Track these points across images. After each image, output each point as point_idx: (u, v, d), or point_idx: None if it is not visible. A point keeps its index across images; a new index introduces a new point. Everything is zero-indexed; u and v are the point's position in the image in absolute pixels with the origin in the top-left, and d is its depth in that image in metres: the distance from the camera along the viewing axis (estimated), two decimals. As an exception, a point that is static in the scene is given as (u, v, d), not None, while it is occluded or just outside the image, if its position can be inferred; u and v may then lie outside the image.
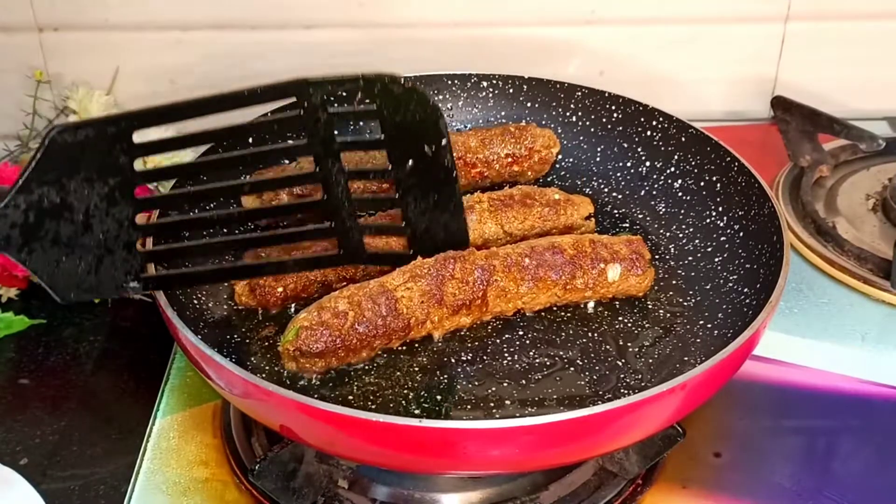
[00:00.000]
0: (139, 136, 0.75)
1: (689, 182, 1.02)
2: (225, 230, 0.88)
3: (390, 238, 0.87)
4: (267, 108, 0.83)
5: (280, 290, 0.88)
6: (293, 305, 0.90)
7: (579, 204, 0.97)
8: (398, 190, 0.81)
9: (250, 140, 0.81)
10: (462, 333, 0.88)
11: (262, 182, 0.88)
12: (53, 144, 0.72)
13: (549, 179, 1.07)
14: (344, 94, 0.75)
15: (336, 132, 0.77)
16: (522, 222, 0.95)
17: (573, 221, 0.96)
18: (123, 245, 0.77)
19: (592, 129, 1.09)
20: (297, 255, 0.86)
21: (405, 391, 0.82)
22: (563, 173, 1.09)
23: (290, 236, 0.84)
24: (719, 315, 0.89)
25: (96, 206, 0.75)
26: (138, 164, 0.76)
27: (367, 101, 0.76)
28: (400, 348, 0.86)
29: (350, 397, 0.82)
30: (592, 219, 0.98)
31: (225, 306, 0.91)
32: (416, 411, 0.80)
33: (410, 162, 0.79)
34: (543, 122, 1.10)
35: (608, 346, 0.87)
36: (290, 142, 0.79)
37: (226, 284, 0.92)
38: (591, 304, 0.92)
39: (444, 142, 0.78)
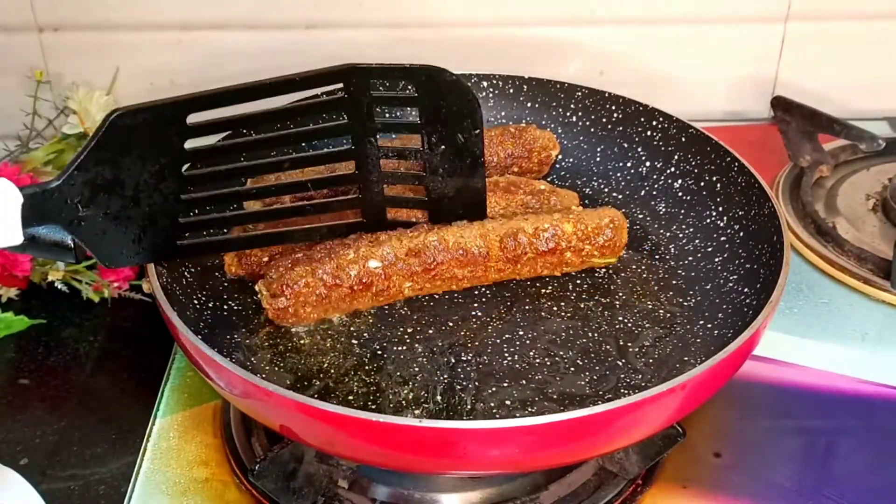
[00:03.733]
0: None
1: (690, 182, 1.02)
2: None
3: (411, 211, 0.92)
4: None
5: (266, 258, 0.90)
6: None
7: (564, 195, 0.98)
8: (426, 170, 0.86)
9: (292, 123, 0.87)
10: (462, 333, 0.88)
11: (302, 158, 0.90)
12: (113, 127, 0.75)
13: (549, 179, 1.07)
14: (387, 82, 0.83)
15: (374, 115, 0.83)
16: (504, 208, 0.95)
17: (559, 211, 0.97)
18: (167, 216, 0.81)
19: (592, 129, 1.09)
20: (325, 223, 0.89)
21: (405, 391, 0.82)
22: (563, 173, 1.09)
23: (318, 206, 0.88)
24: (719, 315, 0.89)
25: (146, 182, 0.79)
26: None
27: (410, 88, 0.82)
28: (400, 349, 0.86)
29: (350, 397, 0.82)
30: None
31: (225, 307, 0.91)
32: (417, 411, 0.80)
33: (443, 147, 0.85)
34: (543, 123, 1.10)
35: (608, 346, 0.87)
36: (332, 122, 0.85)
37: (226, 284, 0.92)
38: (591, 304, 0.92)
39: (477, 132, 0.84)
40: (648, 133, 1.06)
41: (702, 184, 1.01)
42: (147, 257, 0.82)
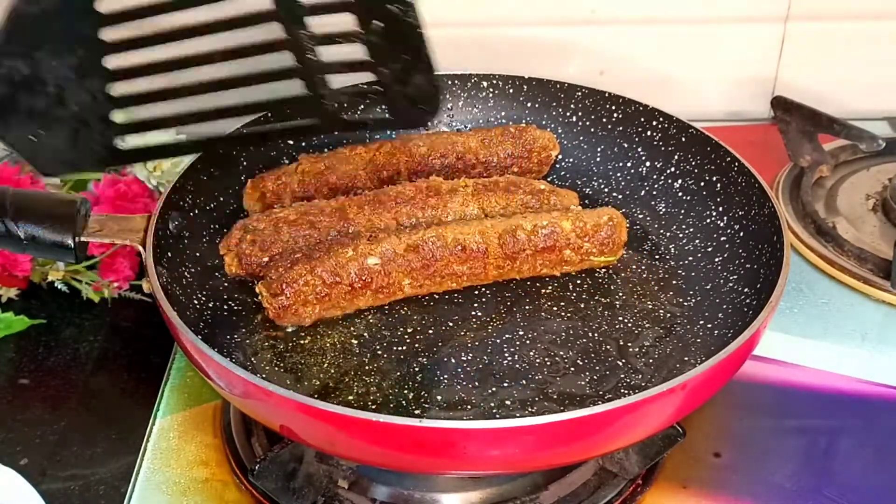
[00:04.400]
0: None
1: (690, 182, 1.02)
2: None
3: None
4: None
5: (266, 259, 0.90)
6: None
7: (564, 195, 0.98)
8: (369, 53, 0.80)
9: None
10: (462, 333, 0.88)
11: (234, 50, 0.84)
12: (16, 15, 0.72)
13: (549, 179, 1.07)
14: None
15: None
16: (504, 207, 0.95)
17: (559, 210, 0.97)
18: (99, 117, 0.77)
19: (592, 129, 1.09)
20: (278, 125, 0.87)
21: (405, 391, 0.82)
22: (563, 173, 1.09)
23: (259, 105, 0.84)
24: (719, 315, 0.89)
25: (67, 78, 0.75)
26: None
27: None
28: (400, 349, 0.86)
29: (350, 397, 0.82)
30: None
31: (226, 307, 0.91)
32: (417, 411, 0.80)
33: (378, 22, 0.79)
34: (543, 123, 1.10)
35: (608, 346, 0.87)
36: (257, 6, 0.79)
37: (226, 284, 0.92)
38: (591, 304, 0.92)
39: (410, 0, 0.78)
40: (648, 133, 1.06)
41: (702, 184, 1.01)
42: (87, 163, 0.79)
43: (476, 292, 0.92)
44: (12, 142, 0.75)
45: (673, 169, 1.04)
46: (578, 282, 0.94)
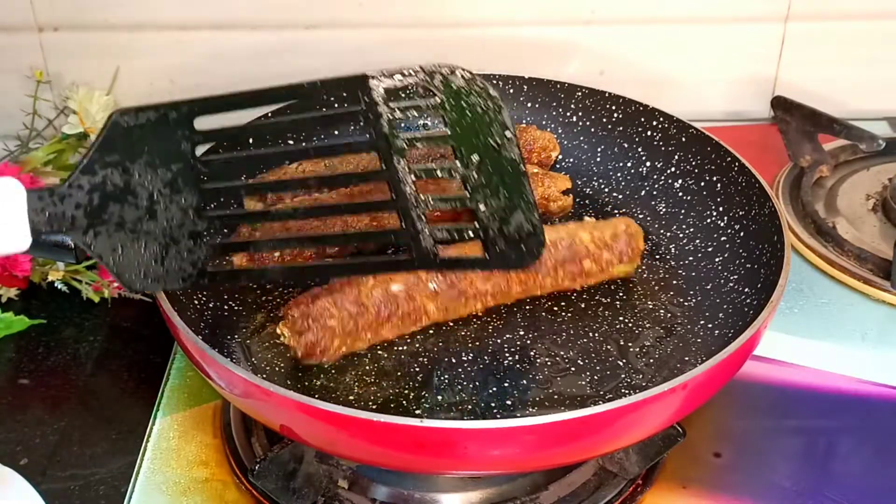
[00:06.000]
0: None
1: (690, 182, 1.02)
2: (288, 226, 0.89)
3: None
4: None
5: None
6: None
7: (557, 178, 0.99)
8: (466, 188, 0.77)
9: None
10: (462, 333, 0.88)
11: (330, 177, 0.89)
12: (116, 126, 0.72)
13: (549, 179, 1.07)
14: (405, 89, 0.74)
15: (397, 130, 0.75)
16: None
17: (550, 193, 0.98)
18: (189, 234, 0.76)
19: (592, 129, 1.09)
20: (371, 259, 0.88)
21: (406, 391, 0.82)
22: (563, 173, 1.08)
23: (361, 235, 0.88)
24: (720, 315, 0.89)
25: (160, 193, 0.74)
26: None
27: (429, 93, 0.74)
28: (401, 349, 0.86)
29: (350, 397, 0.82)
30: (570, 195, 0.99)
31: (226, 307, 0.91)
32: (417, 411, 0.80)
33: (476, 156, 0.76)
34: (544, 123, 1.10)
35: (609, 346, 0.87)
36: (353, 137, 0.81)
37: (226, 284, 0.92)
38: (591, 304, 0.92)
39: (508, 134, 0.75)
40: (648, 133, 1.06)
41: (702, 184, 1.01)
42: (173, 282, 0.76)
43: (476, 292, 0.92)
44: (100, 253, 0.74)
45: (673, 169, 1.04)
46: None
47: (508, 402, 0.81)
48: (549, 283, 0.91)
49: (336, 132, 0.89)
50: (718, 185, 0.99)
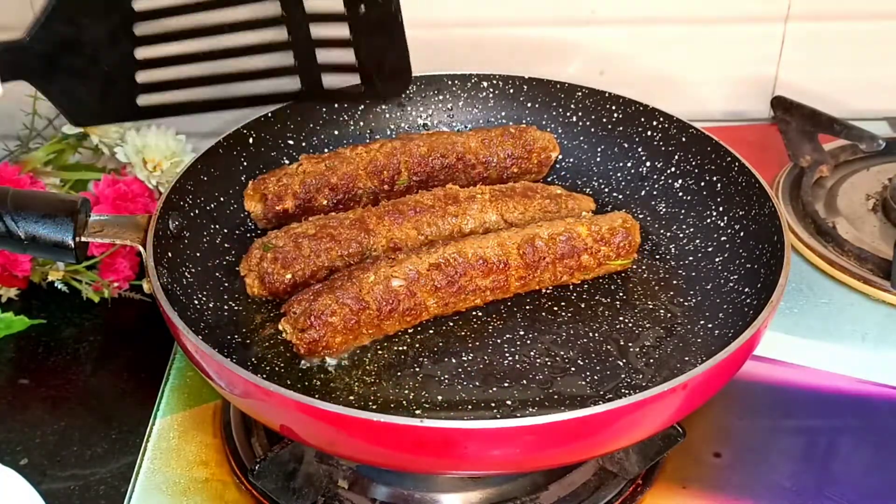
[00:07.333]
0: None
1: (690, 182, 1.02)
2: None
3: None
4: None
5: (288, 276, 0.89)
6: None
7: (581, 199, 0.99)
8: (351, 32, 0.96)
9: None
10: (463, 333, 0.88)
11: (240, 23, 0.97)
12: None
13: (549, 179, 1.07)
14: None
15: None
16: (523, 213, 0.96)
17: (574, 216, 0.97)
18: (124, 77, 0.92)
19: (592, 129, 1.09)
20: (265, 91, 0.99)
21: (406, 391, 0.82)
22: (563, 173, 1.09)
23: (257, 73, 0.98)
24: (720, 315, 0.89)
25: (101, 42, 0.90)
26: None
27: None
28: (401, 349, 0.86)
29: (350, 397, 0.82)
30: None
31: (226, 307, 0.91)
32: (417, 411, 0.80)
33: (362, 7, 0.95)
34: (544, 123, 1.10)
35: (609, 346, 0.87)
36: None
37: (226, 284, 0.92)
38: (591, 304, 0.92)
39: None
40: (648, 133, 1.06)
41: (702, 184, 1.01)
42: (111, 115, 0.95)
43: (476, 292, 0.92)
44: (51, 94, 0.89)
45: (673, 169, 1.04)
46: (579, 282, 0.94)
47: (508, 402, 0.81)
48: (548, 278, 0.91)
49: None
50: (718, 185, 0.99)
